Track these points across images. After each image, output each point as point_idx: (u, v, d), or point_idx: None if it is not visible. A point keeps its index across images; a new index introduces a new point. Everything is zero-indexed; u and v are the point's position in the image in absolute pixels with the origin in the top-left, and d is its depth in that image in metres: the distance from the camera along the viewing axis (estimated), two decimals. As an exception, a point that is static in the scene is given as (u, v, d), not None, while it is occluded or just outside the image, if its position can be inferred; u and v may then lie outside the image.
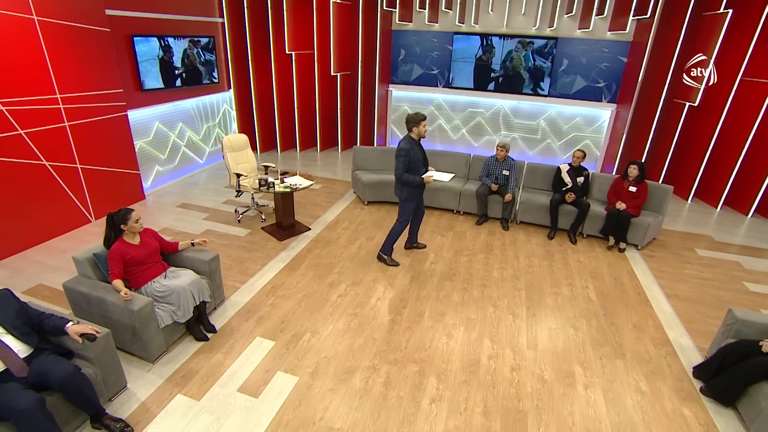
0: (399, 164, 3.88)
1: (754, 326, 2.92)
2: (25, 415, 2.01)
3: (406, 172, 3.91)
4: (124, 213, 2.94)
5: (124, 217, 2.93)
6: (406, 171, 3.91)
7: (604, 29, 6.66)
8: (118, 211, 2.97)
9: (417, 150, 3.96)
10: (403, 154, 3.85)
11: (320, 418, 2.58)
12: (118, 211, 2.97)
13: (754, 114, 5.71)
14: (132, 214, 2.95)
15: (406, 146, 3.87)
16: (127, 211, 2.95)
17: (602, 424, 2.62)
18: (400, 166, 3.88)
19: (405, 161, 3.87)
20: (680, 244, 5.17)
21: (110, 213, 2.98)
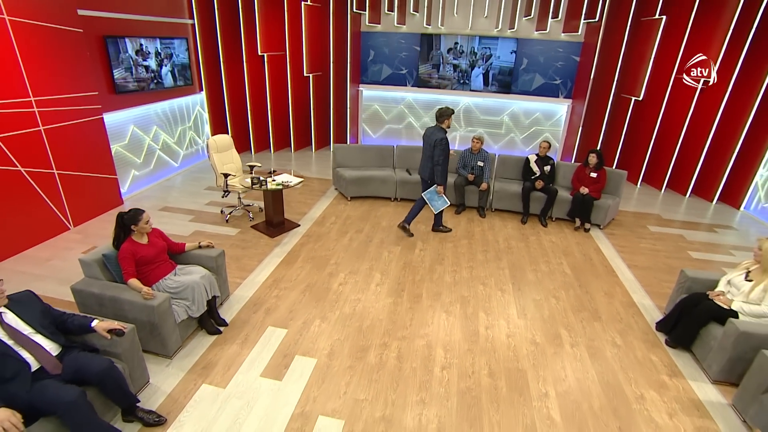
0: (439, 152, 4.53)
1: (700, 282, 3.45)
2: (72, 407, 2.07)
3: (446, 162, 4.59)
4: (134, 213, 2.98)
5: (135, 218, 2.97)
6: (445, 159, 4.57)
7: (559, 31, 7.28)
8: (128, 211, 3.01)
9: (448, 141, 4.62)
10: (443, 144, 4.50)
11: (344, 392, 2.79)
12: (128, 211, 3.01)
13: (687, 107, 6.49)
14: (143, 215, 3.00)
15: (443, 135, 4.53)
16: (137, 212, 3.00)
17: (588, 374, 3.02)
18: (440, 153, 4.53)
19: (443, 147, 4.50)
20: (635, 223, 5.80)
21: (120, 213, 3.02)
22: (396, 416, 2.62)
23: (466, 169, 5.84)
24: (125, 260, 2.90)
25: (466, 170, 5.83)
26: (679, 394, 2.90)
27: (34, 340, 2.23)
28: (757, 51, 5.87)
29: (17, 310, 2.25)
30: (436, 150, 4.53)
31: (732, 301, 3.10)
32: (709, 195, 6.80)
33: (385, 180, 6.09)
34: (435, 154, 4.56)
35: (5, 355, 2.08)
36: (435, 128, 4.63)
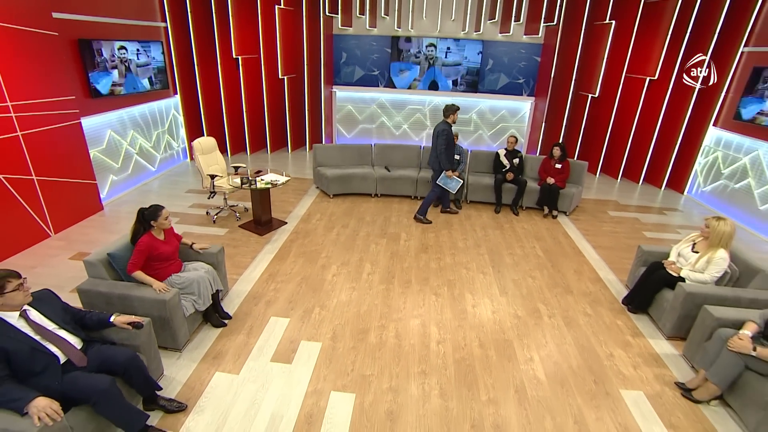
0: (441, 141, 5.13)
1: (655, 255, 3.93)
2: (106, 394, 2.20)
3: (447, 150, 5.16)
4: (154, 209, 3.09)
5: (155, 213, 3.08)
6: (447, 148, 5.15)
7: (521, 33, 7.79)
8: (148, 207, 3.11)
9: (452, 134, 5.25)
10: (445, 134, 5.10)
11: (351, 369, 3.03)
12: (148, 207, 3.11)
13: (636, 103, 7.15)
14: (162, 211, 3.11)
15: (446, 127, 5.12)
16: (157, 208, 3.10)
17: (565, 339, 3.41)
18: (442, 142, 5.13)
19: (445, 138, 5.11)
20: (596, 209, 6.36)
21: (140, 209, 3.11)
22: (401, 386, 2.89)
23: (437, 172, 6.17)
24: (140, 253, 2.99)
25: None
26: (640, 350, 3.34)
27: (58, 335, 2.33)
28: (692, 51, 6.57)
29: (40, 307, 2.34)
30: (438, 140, 5.14)
31: (681, 269, 3.58)
32: (658, 182, 7.51)
33: (365, 177, 6.34)
34: (438, 144, 5.16)
35: (35, 349, 2.18)
36: (441, 123, 5.20)
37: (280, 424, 2.57)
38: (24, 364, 2.13)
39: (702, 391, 2.85)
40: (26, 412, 1.97)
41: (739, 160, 6.24)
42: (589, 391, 2.92)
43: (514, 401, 2.81)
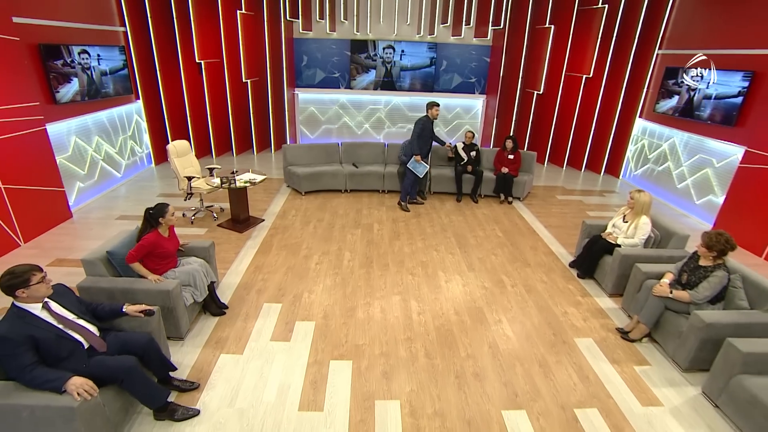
0: (416, 129, 5.83)
1: (596, 228, 4.59)
2: (132, 372, 2.42)
3: (419, 138, 5.83)
4: (161, 207, 3.26)
5: (162, 211, 3.25)
6: (419, 136, 5.81)
7: (471, 36, 8.41)
8: (155, 205, 3.28)
9: (429, 125, 5.91)
10: (420, 124, 5.82)
11: (345, 341, 3.38)
12: (155, 205, 3.28)
13: (575, 98, 7.98)
14: (168, 207, 3.28)
15: (423, 119, 5.85)
16: (163, 205, 3.27)
17: (527, 303, 3.96)
18: (417, 130, 5.82)
19: (420, 128, 5.81)
20: (545, 194, 7.08)
21: (147, 208, 3.28)
22: (391, 351, 3.28)
23: (407, 157, 6.63)
24: (142, 247, 3.17)
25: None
26: (588, 307, 3.95)
27: (79, 323, 2.51)
28: (619, 52, 7.46)
29: (58, 299, 2.50)
30: (415, 127, 5.85)
31: (617, 238, 4.24)
32: (598, 168, 8.40)
33: (335, 174, 6.67)
34: (413, 131, 5.86)
35: (60, 337, 2.36)
36: (422, 116, 5.91)
37: (289, 391, 2.88)
38: (52, 351, 2.30)
39: (635, 331, 3.48)
40: (64, 390, 2.17)
41: (660, 147, 7.19)
42: (549, 342, 3.46)
43: (488, 355, 3.29)
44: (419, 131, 5.83)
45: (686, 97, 6.48)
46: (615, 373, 3.17)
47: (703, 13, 6.39)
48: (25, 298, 2.29)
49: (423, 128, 5.85)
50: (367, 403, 2.81)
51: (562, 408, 2.84)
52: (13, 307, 2.29)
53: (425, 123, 5.86)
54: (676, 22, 6.87)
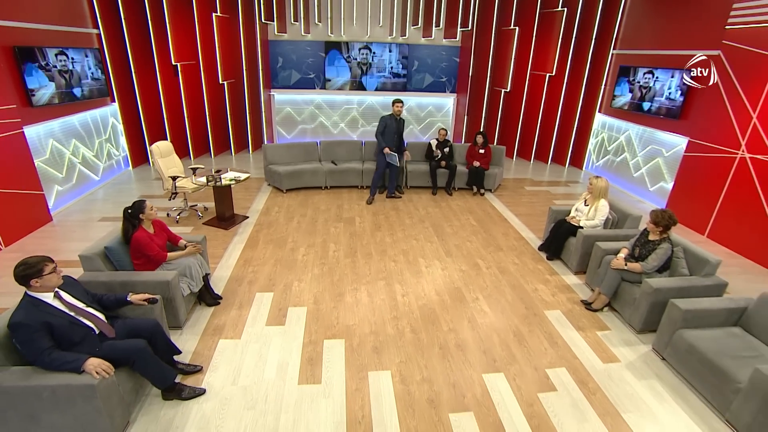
0: (378, 126, 6.23)
1: (561, 213, 5.02)
2: (143, 352, 2.60)
3: (381, 135, 6.18)
4: (138, 204, 3.40)
5: (141, 207, 3.40)
6: (382, 134, 6.17)
7: (441, 37, 8.79)
8: (132, 204, 3.41)
9: (392, 122, 6.20)
10: (381, 121, 6.20)
11: (336, 323, 3.63)
12: (132, 204, 3.41)
13: (540, 95, 8.50)
14: (146, 203, 3.43)
15: (385, 117, 6.20)
16: (141, 202, 3.42)
17: (501, 282, 4.33)
18: (378, 127, 6.23)
19: (381, 125, 6.20)
20: (515, 186, 7.53)
21: (125, 208, 3.40)
22: (380, 329, 3.56)
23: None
24: (150, 242, 3.32)
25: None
26: (556, 284, 4.35)
27: (88, 311, 2.66)
28: (580, 51, 8.02)
29: (68, 289, 2.64)
30: (378, 125, 6.26)
31: (579, 221, 4.67)
32: (563, 161, 8.96)
33: (315, 171, 6.89)
34: (376, 129, 6.30)
35: (72, 323, 2.51)
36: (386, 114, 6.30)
37: (288, 368, 3.11)
38: (66, 336, 2.45)
39: (597, 302, 3.90)
40: (83, 370, 2.33)
41: (617, 139, 7.78)
42: (522, 314, 3.83)
43: (468, 328, 3.62)
44: (381, 129, 6.19)
45: (639, 94, 7.06)
46: (580, 338, 3.57)
47: (650, 17, 6.99)
48: (38, 288, 2.43)
49: (386, 126, 6.18)
50: (361, 374, 3.08)
51: (535, 369, 3.19)
52: (27, 297, 2.43)
53: (388, 121, 6.19)
54: (627, 25, 7.47)
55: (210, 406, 2.77)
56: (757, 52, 4.97)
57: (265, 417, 2.71)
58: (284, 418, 2.70)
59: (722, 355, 2.87)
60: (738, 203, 5.26)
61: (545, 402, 2.90)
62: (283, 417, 2.71)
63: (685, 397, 2.99)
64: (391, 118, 6.21)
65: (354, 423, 2.68)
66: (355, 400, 2.85)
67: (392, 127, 6.23)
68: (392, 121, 6.22)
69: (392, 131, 6.25)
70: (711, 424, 2.77)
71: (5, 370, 2.32)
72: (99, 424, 2.40)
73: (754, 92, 5.02)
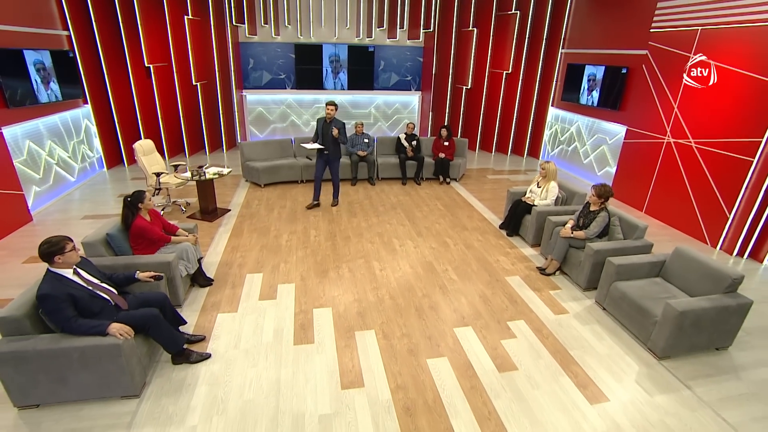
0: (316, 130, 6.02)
1: (518, 194, 5.63)
2: (158, 319, 2.93)
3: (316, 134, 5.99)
4: (138, 194, 3.69)
5: (140, 197, 3.68)
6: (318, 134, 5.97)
7: (405, 38, 9.33)
8: (131, 193, 3.69)
9: (321, 124, 5.91)
10: (318, 124, 5.95)
11: (323, 294, 4.05)
12: (131, 193, 3.69)
13: (498, 91, 9.19)
14: (145, 193, 3.72)
15: (319, 119, 5.94)
16: (140, 192, 3.70)
17: (468, 255, 4.88)
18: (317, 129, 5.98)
19: (315, 128, 6.02)
20: (478, 175, 8.16)
21: (125, 197, 3.68)
22: (362, 298, 4.01)
23: (356, 147, 7.38)
24: (151, 230, 3.62)
25: (356, 149, 7.37)
26: (516, 255, 4.95)
27: (103, 286, 2.96)
28: (533, 50, 8.76)
29: (84, 268, 2.93)
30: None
31: (533, 200, 5.29)
32: (521, 151, 9.70)
33: (291, 166, 7.25)
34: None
35: (92, 296, 2.81)
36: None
37: (283, 333, 3.51)
38: (87, 307, 2.76)
39: (550, 267, 4.51)
40: (107, 333, 2.65)
41: (568, 130, 8.56)
42: (486, 280, 4.39)
43: (440, 293, 4.13)
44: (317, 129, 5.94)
45: (585, 88, 7.84)
46: (536, 297, 4.15)
47: (591, 20, 7.78)
48: (61, 264, 2.73)
49: (316, 125, 5.96)
50: (348, 334, 3.52)
51: (498, 322, 3.74)
52: (49, 272, 2.72)
53: (317, 126, 5.92)
54: (573, 27, 8.25)
55: (217, 367, 3.13)
56: (675, 52, 5.78)
57: (267, 372, 3.10)
58: (284, 372, 3.10)
59: (645, 298, 3.51)
60: (667, 182, 6.07)
61: (507, 346, 3.45)
62: (284, 371, 3.11)
63: (619, 335, 3.62)
64: (323, 120, 5.85)
65: (346, 371, 3.12)
66: (345, 354, 3.29)
67: (321, 130, 5.86)
68: (322, 124, 5.86)
69: (321, 132, 5.88)
70: (637, 352, 3.40)
71: (36, 337, 2.60)
72: (121, 381, 2.73)
73: (675, 87, 5.83)
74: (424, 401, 2.87)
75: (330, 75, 9.46)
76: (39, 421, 2.63)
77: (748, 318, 3.44)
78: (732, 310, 3.21)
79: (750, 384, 3.13)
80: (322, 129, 5.86)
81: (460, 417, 2.76)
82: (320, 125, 5.89)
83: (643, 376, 3.16)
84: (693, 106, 5.60)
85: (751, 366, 3.32)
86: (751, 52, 4.89)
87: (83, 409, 2.72)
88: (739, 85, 5.02)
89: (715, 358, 3.38)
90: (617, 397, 2.97)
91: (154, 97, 7.86)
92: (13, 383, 2.57)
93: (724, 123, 5.21)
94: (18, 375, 2.55)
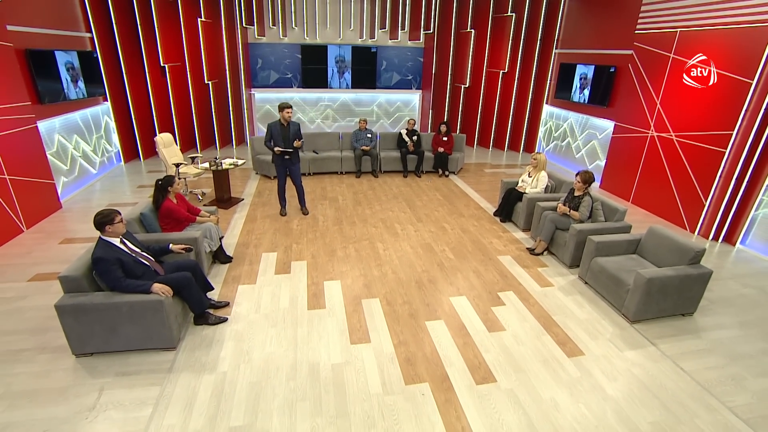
0: (266, 136, 5.54)
1: (511, 184, 6.07)
2: (191, 281, 3.38)
3: (269, 143, 5.50)
4: (168, 178, 4.14)
5: (170, 181, 4.13)
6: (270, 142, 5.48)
7: (406, 39, 9.78)
8: (162, 178, 4.14)
9: (279, 129, 5.43)
10: (267, 130, 5.53)
11: (332, 269, 4.49)
12: (162, 178, 4.14)
13: (495, 90, 9.64)
14: (175, 178, 4.17)
15: (271, 125, 5.48)
16: (170, 177, 4.15)
17: (464, 239, 5.31)
18: (266, 137, 5.53)
19: (267, 135, 5.53)
20: (476, 169, 8.61)
21: (157, 180, 4.13)
22: (368, 273, 4.45)
23: (359, 143, 7.83)
24: (178, 210, 4.07)
25: (359, 144, 7.81)
26: (508, 238, 5.39)
27: (143, 254, 3.41)
28: (528, 50, 9.20)
29: (128, 239, 3.38)
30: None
31: (525, 189, 5.73)
32: (517, 147, 10.14)
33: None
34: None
35: (135, 261, 3.25)
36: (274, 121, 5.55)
37: (298, 300, 3.95)
38: (132, 271, 3.20)
39: (538, 247, 4.94)
40: (151, 291, 3.09)
41: (562, 126, 9.00)
42: (480, 259, 4.82)
43: (438, 270, 4.57)
44: (268, 138, 5.52)
45: (577, 86, 8.28)
46: (525, 272, 4.59)
47: (582, 22, 8.22)
48: (110, 233, 3.17)
49: (270, 132, 5.50)
50: (356, 301, 3.96)
51: (489, 293, 4.18)
52: (101, 240, 3.16)
53: (272, 127, 5.48)
54: (566, 29, 8.69)
55: (240, 326, 3.58)
56: (657, 52, 6.21)
57: (285, 331, 3.54)
58: (300, 331, 3.54)
59: (621, 270, 3.94)
60: (651, 173, 6.50)
61: (497, 312, 3.89)
62: (299, 330, 3.55)
63: (597, 304, 4.06)
64: (278, 124, 5.45)
65: (354, 330, 3.56)
66: (353, 317, 3.73)
67: (279, 134, 5.45)
68: (279, 128, 5.45)
69: (279, 138, 5.46)
70: (612, 317, 3.84)
71: (92, 294, 3.05)
72: (162, 334, 3.17)
73: (657, 84, 6.26)
74: (423, 354, 3.31)
75: (336, 75, 9.91)
76: (94, 365, 3.07)
77: (714, 290, 3.89)
78: (694, 278, 3.64)
79: (708, 342, 3.57)
80: (281, 133, 5.44)
81: (454, 366, 3.19)
82: (277, 129, 5.43)
83: (615, 336, 3.60)
84: (674, 102, 6.04)
85: (711, 328, 3.75)
86: (725, 52, 5.32)
87: (130, 357, 3.16)
88: (714, 82, 5.45)
89: (680, 322, 3.81)
90: (591, 351, 3.40)
91: (168, 95, 8.32)
92: (73, 332, 3.02)
93: (701, 117, 5.64)
94: (78, 325, 2.99)
